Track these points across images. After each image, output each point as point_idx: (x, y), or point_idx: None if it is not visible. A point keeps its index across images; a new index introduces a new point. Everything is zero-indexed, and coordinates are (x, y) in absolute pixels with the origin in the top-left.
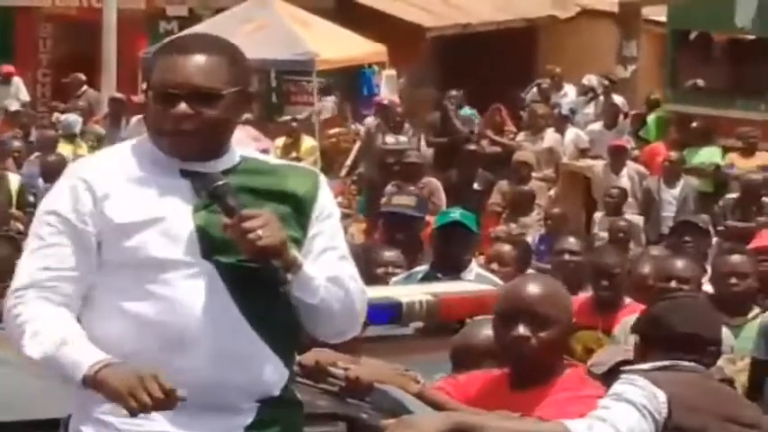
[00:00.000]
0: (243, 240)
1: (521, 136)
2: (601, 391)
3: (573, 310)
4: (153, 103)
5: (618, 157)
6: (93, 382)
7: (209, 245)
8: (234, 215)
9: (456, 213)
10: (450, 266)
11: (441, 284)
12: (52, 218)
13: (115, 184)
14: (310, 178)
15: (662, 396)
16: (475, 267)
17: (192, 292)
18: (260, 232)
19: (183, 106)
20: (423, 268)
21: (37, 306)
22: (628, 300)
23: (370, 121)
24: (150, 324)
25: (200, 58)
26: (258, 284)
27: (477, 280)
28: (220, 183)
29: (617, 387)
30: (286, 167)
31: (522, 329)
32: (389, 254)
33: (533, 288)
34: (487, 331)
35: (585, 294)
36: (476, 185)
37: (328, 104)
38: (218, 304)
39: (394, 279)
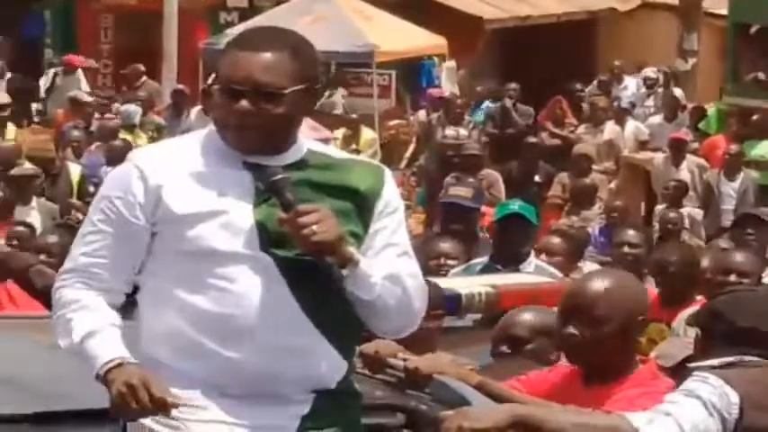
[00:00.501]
0: (298, 235)
1: (581, 129)
2: (672, 386)
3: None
4: (219, 97)
5: (678, 149)
6: (104, 381)
7: (269, 238)
8: (291, 210)
9: (515, 205)
10: (509, 258)
11: (500, 276)
12: (103, 203)
13: (174, 173)
14: (375, 173)
15: (735, 397)
16: (534, 259)
17: (251, 284)
18: (315, 228)
19: (244, 103)
20: (482, 260)
21: (76, 291)
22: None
23: (422, 114)
24: (209, 315)
25: (265, 55)
26: (317, 278)
27: (536, 272)
28: (279, 177)
29: (689, 383)
30: (351, 162)
31: (571, 329)
32: (445, 245)
33: (589, 287)
34: (528, 317)
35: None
36: (536, 178)
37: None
38: (277, 297)
39: (453, 270)
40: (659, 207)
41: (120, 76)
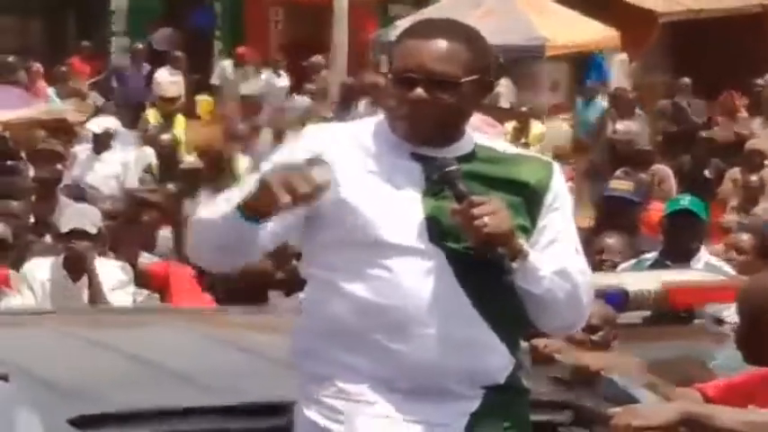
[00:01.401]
0: (470, 227)
1: (755, 123)
2: None
3: None
4: (392, 86)
5: None
6: (245, 206)
7: (438, 230)
8: (463, 201)
9: (686, 201)
10: (679, 254)
11: (669, 272)
12: (264, 165)
13: (344, 155)
14: (544, 168)
15: None
16: (704, 255)
17: (419, 277)
18: (486, 219)
19: (419, 90)
20: (652, 255)
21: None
22: None
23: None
24: (376, 307)
25: (440, 44)
26: (487, 271)
27: (705, 269)
28: (452, 168)
29: None
30: (520, 156)
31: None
32: (609, 240)
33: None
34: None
35: None
36: (707, 173)
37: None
38: (446, 290)
39: (622, 266)
40: None
41: (290, 68)
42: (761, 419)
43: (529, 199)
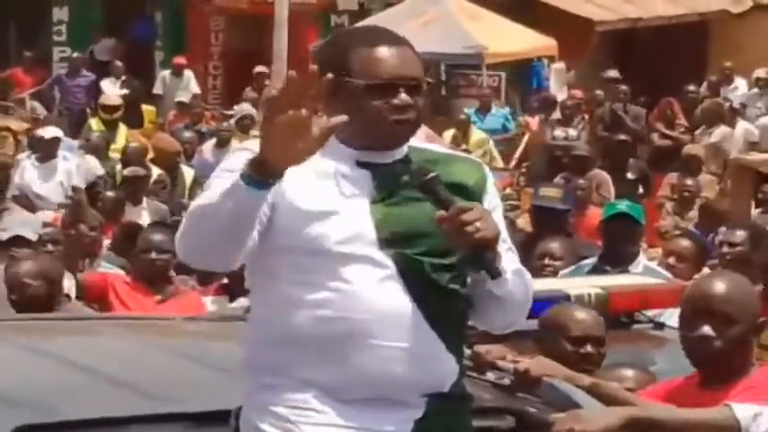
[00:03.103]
0: (461, 233)
1: (697, 131)
2: None
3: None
4: (367, 94)
5: None
6: (255, 165)
7: (388, 238)
8: (448, 207)
9: (623, 205)
10: (618, 259)
11: (609, 278)
12: (226, 174)
13: (296, 168)
14: (478, 168)
15: None
16: (643, 260)
17: (370, 286)
18: (478, 225)
19: (405, 96)
20: (590, 261)
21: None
22: None
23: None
24: (326, 317)
25: (407, 50)
26: (434, 280)
27: (644, 273)
28: (432, 175)
29: None
30: (452, 157)
31: (706, 329)
32: (551, 245)
33: (719, 286)
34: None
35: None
36: (629, 175)
37: None
38: (397, 299)
39: (562, 272)
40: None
41: (229, 78)
42: (703, 419)
43: (470, 200)
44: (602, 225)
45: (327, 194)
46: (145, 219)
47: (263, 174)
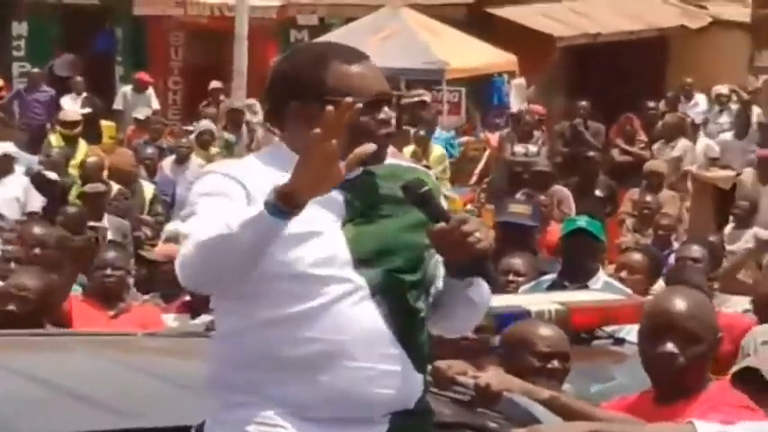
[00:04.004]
0: (462, 244)
1: (656, 146)
2: (742, 399)
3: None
4: (355, 111)
5: (765, 167)
6: (282, 194)
7: (361, 258)
8: (442, 219)
9: (582, 221)
10: (577, 274)
11: (570, 293)
12: (218, 199)
13: (257, 188)
14: (428, 177)
15: None
16: (602, 276)
17: (345, 306)
18: (478, 235)
19: (389, 110)
20: (550, 277)
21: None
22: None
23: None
24: (300, 338)
25: (375, 65)
26: (404, 297)
27: (604, 288)
28: (425, 189)
29: None
30: (402, 167)
31: (670, 346)
32: (515, 261)
33: (681, 303)
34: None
35: None
36: (597, 192)
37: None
38: (369, 319)
39: (522, 288)
40: (729, 227)
41: (189, 93)
42: (659, 429)
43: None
44: (561, 241)
45: (301, 216)
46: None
47: (290, 204)
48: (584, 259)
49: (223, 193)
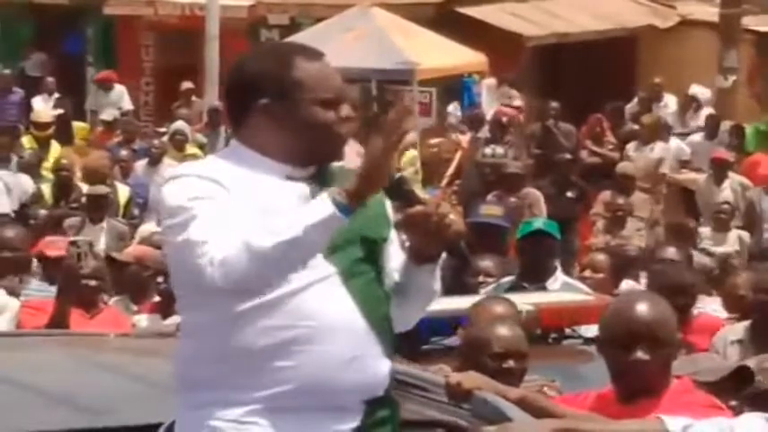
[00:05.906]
0: (439, 226)
1: (630, 147)
2: (709, 399)
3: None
4: (320, 108)
5: (720, 168)
6: (353, 194)
7: (330, 246)
8: (420, 203)
9: (538, 222)
10: (535, 275)
11: (537, 294)
12: (208, 200)
13: (236, 186)
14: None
15: None
16: (561, 276)
17: (314, 294)
18: (452, 217)
19: (349, 109)
20: (509, 279)
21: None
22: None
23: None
24: (272, 327)
25: (332, 66)
26: (372, 284)
27: (563, 289)
28: (398, 175)
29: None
30: (345, 169)
31: (640, 354)
32: (486, 263)
33: (647, 311)
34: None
35: None
36: (569, 194)
37: None
38: (340, 305)
39: (483, 290)
40: (704, 230)
41: (161, 94)
42: (633, 430)
43: (382, 206)
44: (518, 243)
45: (270, 206)
46: (102, 238)
47: (358, 203)
48: (541, 260)
49: (210, 196)
